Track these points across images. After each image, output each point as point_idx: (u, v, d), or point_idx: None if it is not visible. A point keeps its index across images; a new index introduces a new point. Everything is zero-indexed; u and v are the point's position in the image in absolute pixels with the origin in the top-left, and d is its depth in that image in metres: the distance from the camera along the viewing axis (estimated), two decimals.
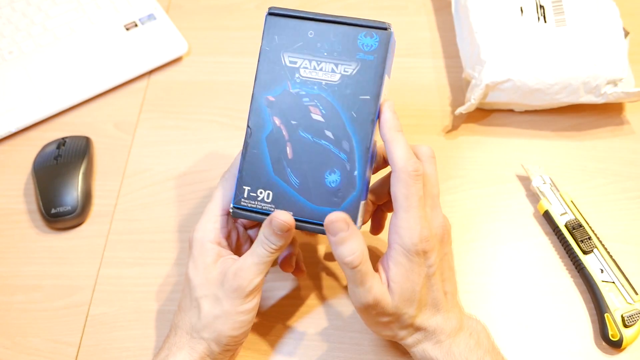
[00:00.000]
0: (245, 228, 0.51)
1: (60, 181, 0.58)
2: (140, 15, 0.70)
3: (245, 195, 0.44)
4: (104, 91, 0.66)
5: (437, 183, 0.46)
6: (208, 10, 0.73)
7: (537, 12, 0.61)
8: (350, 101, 0.43)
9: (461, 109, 0.60)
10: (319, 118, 0.43)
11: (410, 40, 0.69)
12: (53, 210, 0.57)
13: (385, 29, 0.43)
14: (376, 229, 0.53)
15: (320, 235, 0.56)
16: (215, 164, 0.61)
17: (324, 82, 0.43)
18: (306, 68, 0.44)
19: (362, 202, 0.43)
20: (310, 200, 0.43)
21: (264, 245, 0.43)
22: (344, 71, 0.43)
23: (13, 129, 0.64)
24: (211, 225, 0.46)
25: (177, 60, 0.69)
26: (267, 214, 0.43)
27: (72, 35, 0.69)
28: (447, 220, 0.46)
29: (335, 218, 0.41)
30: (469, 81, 0.63)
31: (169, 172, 0.61)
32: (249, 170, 0.44)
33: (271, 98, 0.44)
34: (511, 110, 0.63)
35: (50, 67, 0.67)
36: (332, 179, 0.43)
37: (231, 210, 0.45)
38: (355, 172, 0.43)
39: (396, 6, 0.72)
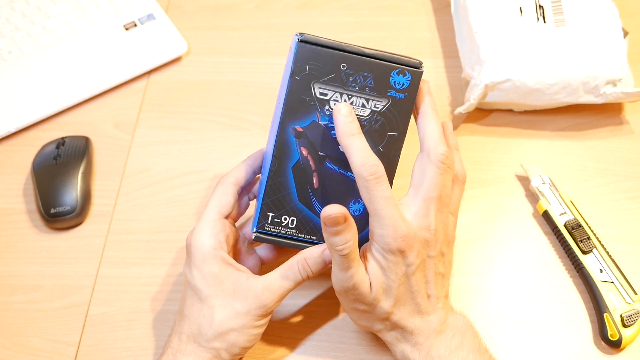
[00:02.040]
0: (251, 243, 0.51)
1: (59, 181, 0.58)
2: (140, 15, 0.70)
3: (269, 221, 0.45)
4: (104, 91, 0.66)
5: (448, 188, 0.45)
6: (208, 10, 0.73)
7: (537, 12, 0.61)
8: (378, 137, 0.44)
9: (460, 109, 0.60)
10: None
11: (410, 40, 0.69)
12: (52, 210, 0.57)
13: (417, 67, 0.43)
14: None
15: None
16: (215, 164, 0.61)
17: None
18: (336, 101, 0.43)
19: None
20: None
21: (295, 267, 0.45)
22: (375, 107, 0.43)
23: (12, 129, 0.64)
24: (210, 231, 0.45)
25: (176, 60, 0.69)
26: (291, 239, 0.46)
27: (71, 35, 0.69)
28: (450, 227, 0.45)
29: (335, 214, 0.40)
30: (469, 81, 0.63)
31: (168, 172, 0.61)
32: (273, 198, 0.45)
33: (299, 129, 0.44)
34: (510, 110, 0.63)
35: (50, 67, 0.67)
36: (356, 208, 0.45)
37: (254, 236, 0.46)
38: None
39: (396, 6, 0.72)
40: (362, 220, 0.45)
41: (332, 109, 0.43)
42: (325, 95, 0.43)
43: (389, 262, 0.42)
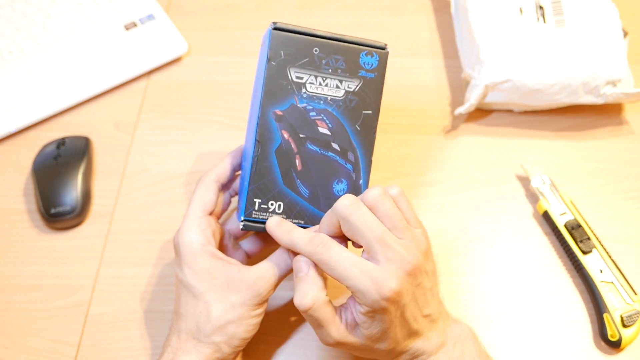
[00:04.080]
0: (236, 238, 0.51)
1: (59, 181, 0.58)
2: (140, 15, 0.70)
3: (257, 208, 0.45)
4: (104, 91, 0.66)
5: (395, 212, 0.42)
6: (208, 10, 0.73)
7: (537, 13, 0.61)
8: (354, 115, 0.45)
9: (460, 109, 0.60)
10: (326, 131, 0.45)
11: (410, 40, 0.69)
12: (53, 210, 0.57)
13: (383, 48, 0.46)
14: None
15: None
16: (215, 164, 0.61)
17: (329, 97, 0.45)
18: (312, 84, 0.45)
19: None
20: (319, 208, 0.45)
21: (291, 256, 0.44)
22: (348, 87, 0.45)
23: (13, 129, 0.64)
24: (196, 228, 0.46)
25: (176, 60, 0.69)
26: None
27: (71, 35, 0.69)
28: (422, 240, 0.43)
29: (298, 258, 0.42)
30: (469, 81, 0.63)
31: (168, 172, 0.61)
32: (259, 183, 0.45)
33: (279, 112, 0.45)
34: (510, 111, 0.63)
35: (50, 67, 0.67)
36: (340, 187, 0.46)
37: (242, 225, 0.46)
38: (361, 181, 0.46)
39: (396, 6, 0.72)
40: None
41: (308, 92, 0.45)
42: (301, 78, 0.45)
43: (377, 316, 0.41)
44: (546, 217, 0.56)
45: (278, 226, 0.44)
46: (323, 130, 0.45)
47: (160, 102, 0.66)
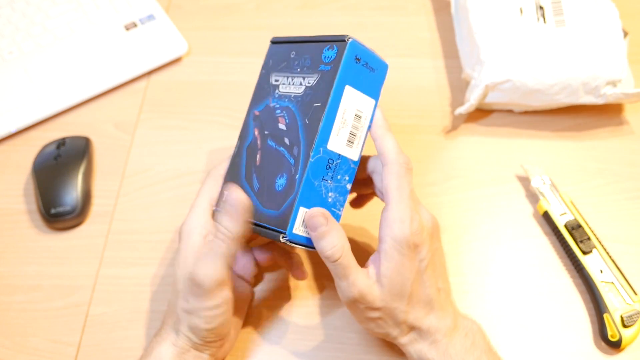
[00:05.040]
0: (248, 241, 0.51)
1: (60, 181, 0.58)
2: (140, 15, 0.70)
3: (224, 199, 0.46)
4: (104, 91, 0.66)
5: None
6: (208, 10, 0.73)
7: (537, 13, 0.61)
8: (306, 109, 0.44)
9: (461, 110, 0.60)
10: (283, 127, 0.45)
11: (410, 41, 0.69)
12: (53, 210, 0.57)
13: (343, 40, 0.43)
14: (357, 204, 0.54)
15: None
16: (214, 164, 0.61)
17: (292, 95, 0.45)
18: (284, 84, 0.46)
19: (302, 208, 0.42)
20: (262, 203, 0.45)
21: (218, 235, 0.42)
22: (308, 83, 0.45)
23: (13, 129, 0.64)
24: (199, 219, 0.46)
25: (177, 60, 0.69)
26: None
27: (72, 35, 0.69)
28: (434, 216, 0.46)
29: (314, 213, 0.42)
30: (469, 81, 0.63)
31: (168, 172, 0.61)
32: (229, 177, 0.48)
33: (257, 113, 0.48)
34: (511, 111, 0.63)
35: (50, 67, 0.67)
36: (280, 182, 0.44)
37: (214, 210, 0.47)
38: (297, 176, 0.43)
39: (396, 6, 0.72)
40: (282, 194, 0.43)
41: (280, 92, 0.46)
42: (277, 80, 0.47)
43: (404, 257, 0.42)
44: (546, 217, 0.56)
45: (382, 115, 0.46)
46: (281, 126, 0.45)
47: (160, 102, 0.66)
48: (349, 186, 0.45)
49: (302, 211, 0.43)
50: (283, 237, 0.42)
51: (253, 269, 0.51)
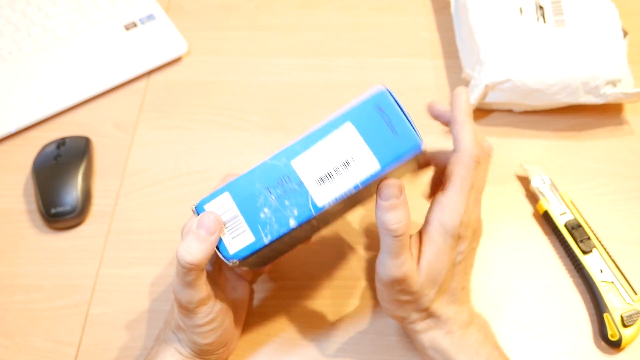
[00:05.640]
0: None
1: (60, 181, 0.58)
2: (140, 15, 0.70)
3: None
4: (104, 91, 0.66)
5: (485, 180, 0.46)
6: (208, 10, 0.73)
7: (537, 13, 0.61)
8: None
9: None
10: None
11: (410, 41, 0.69)
12: (53, 210, 0.57)
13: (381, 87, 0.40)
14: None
15: (323, 235, 0.56)
16: (215, 164, 0.61)
17: None
18: None
19: (227, 194, 0.39)
20: None
21: (183, 265, 0.39)
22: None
23: (13, 129, 0.64)
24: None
25: (176, 60, 0.69)
26: None
27: (72, 35, 0.69)
28: (482, 221, 0.46)
29: (391, 183, 0.39)
30: (469, 81, 0.63)
31: (168, 172, 0.61)
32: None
33: None
34: (511, 111, 0.63)
35: (50, 67, 0.67)
36: None
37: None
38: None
39: (396, 6, 0.72)
40: None
41: None
42: None
43: (446, 246, 0.42)
44: (546, 217, 0.56)
45: (467, 97, 0.45)
46: None
47: (160, 102, 0.66)
48: (292, 223, 0.38)
49: (226, 197, 0.39)
50: (193, 206, 0.39)
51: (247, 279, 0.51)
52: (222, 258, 0.39)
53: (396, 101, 0.39)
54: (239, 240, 0.39)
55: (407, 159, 0.39)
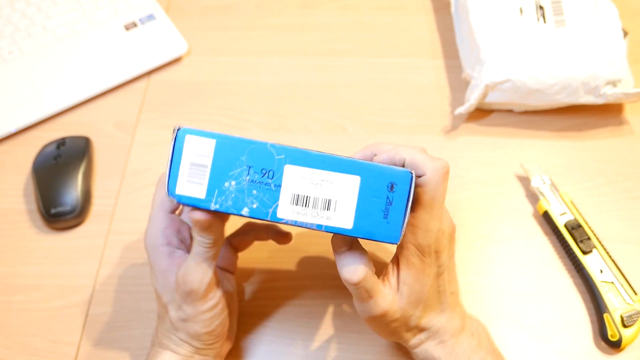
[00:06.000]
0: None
1: (60, 181, 0.58)
2: (140, 15, 0.70)
3: None
4: (104, 91, 0.66)
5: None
6: (208, 10, 0.73)
7: (537, 13, 0.61)
8: None
9: (461, 109, 0.60)
10: None
11: (410, 40, 0.69)
12: (53, 210, 0.57)
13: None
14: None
15: (321, 235, 0.56)
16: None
17: None
18: None
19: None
20: None
21: (199, 243, 0.42)
22: None
23: (13, 129, 0.64)
24: (155, 229, 0.45)
25: (177, 60, 0.69)
26: None
27: (72, 35, 0.69)
28: (452, 219, 0.45)
29: (338, 237, 0.40)
30: (469, 81, 0.63)
31: None
32: None
33: None
34: (511, 111, 0.63)
35: (50, 67, 0.67)
36: None
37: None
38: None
39: (396, 6, 0.72)
40: None
41: None
42: None
43: (425, 264, 0.41)
44: (546, 217, 0.56)
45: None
46: None
47: (160, 102, 0.66)
48: (245, 211, 0.38)
49: (209, 144, 0.38)
50: (176, 126, 0.38)
51: (233, 257, 0.52)
52: (166, 188, 0.39)
53: (410, 193, 0.38)
54: (191, 187, 0.38)
55: (377, 240, 0.39)
